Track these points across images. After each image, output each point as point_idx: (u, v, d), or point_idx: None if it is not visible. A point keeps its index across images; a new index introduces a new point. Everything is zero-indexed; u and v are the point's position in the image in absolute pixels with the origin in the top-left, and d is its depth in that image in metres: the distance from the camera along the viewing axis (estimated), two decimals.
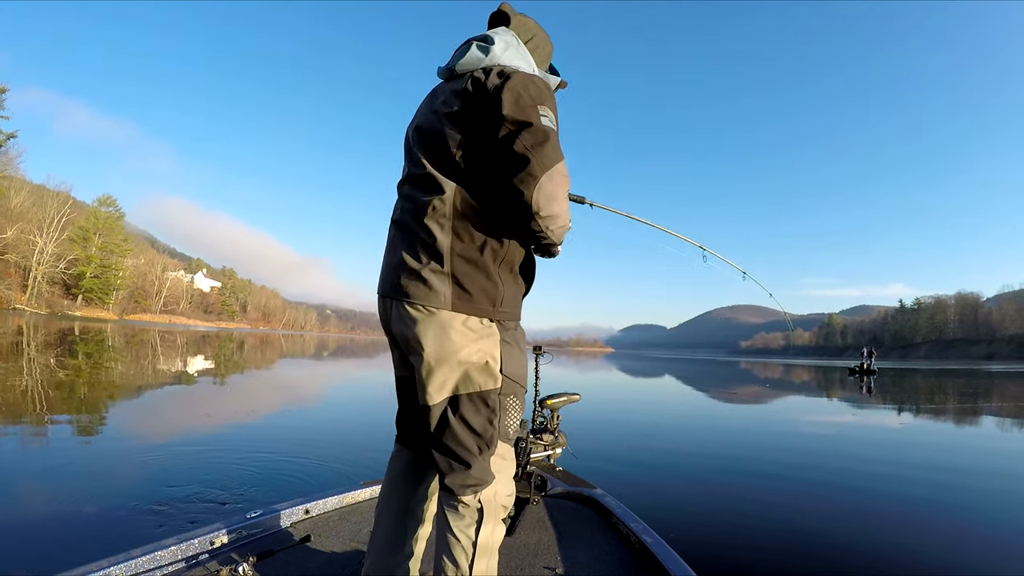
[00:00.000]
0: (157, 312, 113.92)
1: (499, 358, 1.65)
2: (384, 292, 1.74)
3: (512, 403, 1.70)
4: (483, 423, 1.62)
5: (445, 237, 1.60)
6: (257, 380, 14.64)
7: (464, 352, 1.59)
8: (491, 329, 1.65)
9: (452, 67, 1.74)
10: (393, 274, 1.69)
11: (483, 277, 1.62)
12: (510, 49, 1.71)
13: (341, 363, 25.54)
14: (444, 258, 1.59)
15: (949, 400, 17.77)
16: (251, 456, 5.62)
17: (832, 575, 3.33)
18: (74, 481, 4.48)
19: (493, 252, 1.63)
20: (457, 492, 1.61)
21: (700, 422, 10.68)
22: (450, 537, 1.62)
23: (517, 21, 1.85)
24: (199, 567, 2.24)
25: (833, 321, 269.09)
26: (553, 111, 1.62)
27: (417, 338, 1.61)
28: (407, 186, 1.76)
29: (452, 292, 1.59)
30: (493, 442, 1.64)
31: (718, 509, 4.57)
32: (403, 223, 1.72)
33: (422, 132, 1.74)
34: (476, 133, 1.60)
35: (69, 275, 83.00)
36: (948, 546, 3.95)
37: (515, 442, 1.79)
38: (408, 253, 1.65)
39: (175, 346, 27.25)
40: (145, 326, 66.80)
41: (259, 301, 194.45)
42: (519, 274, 1.74)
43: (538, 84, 1.62)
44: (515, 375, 1.70)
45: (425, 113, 1.77)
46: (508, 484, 1.72)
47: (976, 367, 68.84)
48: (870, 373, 36.64)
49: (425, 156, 1.70)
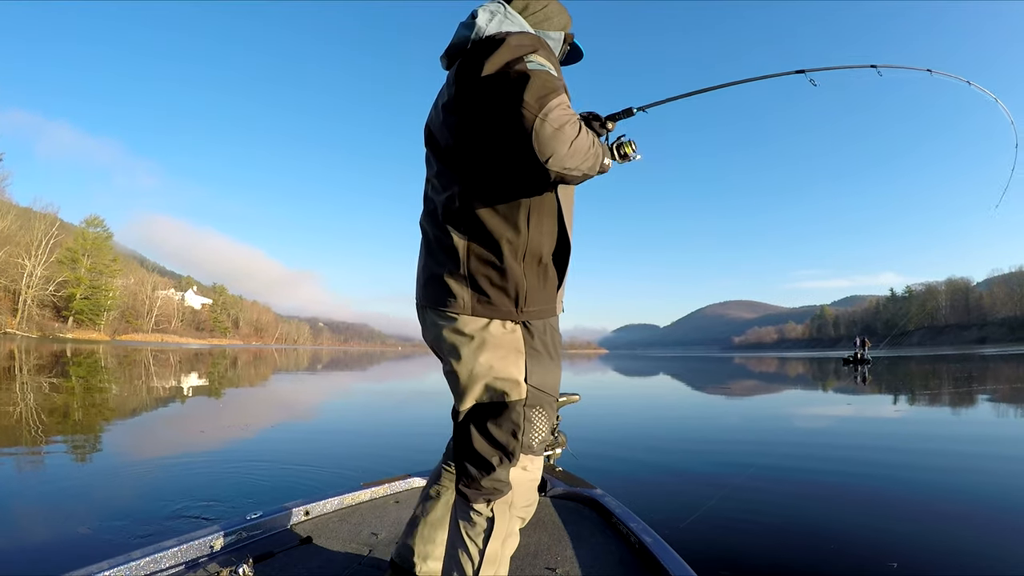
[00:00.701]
0: (149, 331, 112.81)
1: (524, 367, 1.56)
2: (416, 299, 1.72)
3: (538, 415, 1.60)
4: (505, 436, 1.55)
5: (460, 237, 1.52)
6: (253, 394, 14.57)
7: (484, 360, 1.52)
8: (516, 335, 1.56)
9: (446, 53, 1.67)
10: (420, 281, 1.67)
11: (500, 276, 1.51)
12: (496, 18, 1.57)
13: (335, 375, 25.41)
14: (460, 259, 1.52)
15: (944, 386, 17.87)
16: (251, 462, 5.66)
17: (834, 568, 3.33)
18: (74, 490, 4.54)
19: (512, 245, 1.51)
20: (470, 499, 1.58)
21: (697, 420, 10.72)
22: (458, 544, 1.59)
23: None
24: (199, 569, 2.26)
25: (825, 313, 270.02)
26: (546, 59, 1.46)
27: (441, 346, 1.60)
28: (428, 188, 1.72)
29: (471, 296, 1.51)
30: (515, 455, 1.57)
31: (718, 507, 4.57)
32: (425, 227, 1.69)
33: (429, 130, 1.69)
34: (471, 113, 1.50)
35: (59, 297, 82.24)
36: (953, 532, 3.96)
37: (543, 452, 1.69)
38: (430, 258, 1.62)
39: (168, 364, 27.03)
40: (137, 346, 66.18)
41: (251, 317, 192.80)
42: (550, 264, 1.62)
43: (522, 37, 1.48)
44: (542, 385, 1.60)
45: (432, 110, 1.71)
46: (526, 495, 1.67)
47: (969, 351, 69.34)
48: (864, 363, 36.78)
49: (434, 154, 1.65)
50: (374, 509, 3.12)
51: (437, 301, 1.55)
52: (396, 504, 3.22)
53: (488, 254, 1.51)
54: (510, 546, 1.63)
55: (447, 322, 1.55)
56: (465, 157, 1.54)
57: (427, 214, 1.69)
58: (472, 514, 1.57)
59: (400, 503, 3.25)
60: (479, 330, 1.52)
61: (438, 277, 1.56)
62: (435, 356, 1.74)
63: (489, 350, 1.52)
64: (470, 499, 1.57)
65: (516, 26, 1.59)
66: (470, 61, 1.49)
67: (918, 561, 3.35)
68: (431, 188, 1.68)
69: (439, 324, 1.58)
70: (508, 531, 1.60)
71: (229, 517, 2.76)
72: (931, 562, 3.37)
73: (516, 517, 1.63)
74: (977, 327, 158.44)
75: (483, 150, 1.50)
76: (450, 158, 1.57)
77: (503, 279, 1.51)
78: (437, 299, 1.56)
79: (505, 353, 1.54)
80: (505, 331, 1.54)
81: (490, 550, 1.55)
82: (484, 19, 1.55)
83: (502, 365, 1.53)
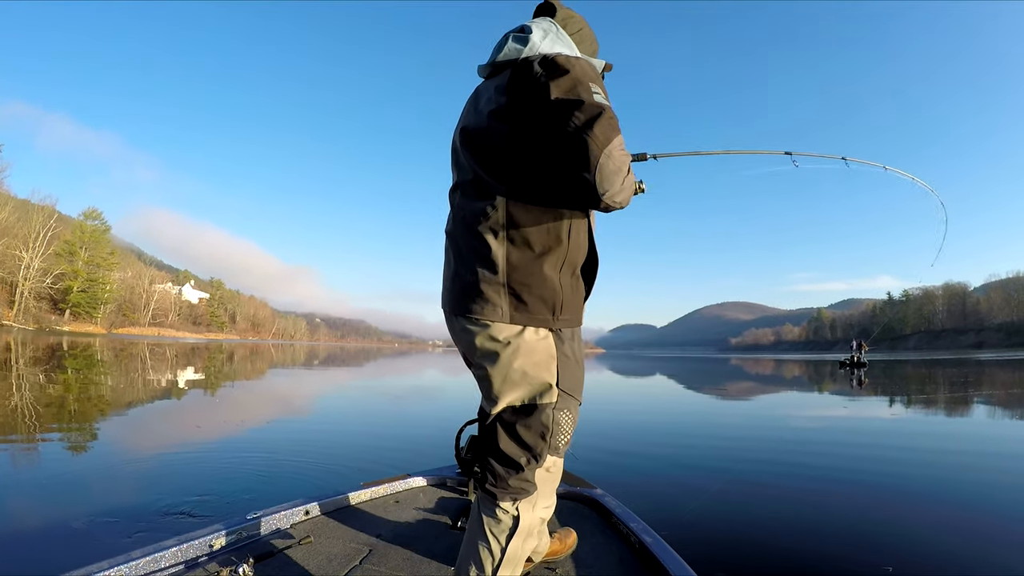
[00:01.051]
0: (146, 325, 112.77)
1: (556, 371, 1.61)
2: (445, 307, 1.73)
3: (566, 417, 1.64)
4: (534, 437, 1.59)
5: (499, 245, 1.54)
6: (251, 389, 14.53)
7: (519, 366, 1.56)
8: (548, 341, 1.61)
9: (492, 62, 1.70)
10: (450, 288, 1.68)
11: (541, 285, 1.55)
12: (549, 36, 1.64)
13: (333, 371, 25.40)
14: (499, 268, 1.54)
15: (941, 390, 17.88)
16: (250, 459, 5.63)
17: (831, 570, 3.33)
18: (72, 488, 4.49)
19: (552, 256, 1.56)
20: (497, 497, 1.61)
21: (694, 420, 10.72)
22: (480, 540, 1.62)
23: (563, 13, 1.79)
24: (198, 568, 2.25)
25: (822, 315, 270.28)
26: (603, 89, 1.53)
27: (475, 352, 1.62)
28: (457, 195, 1.72)
29: (509, 304, 1.54)
30: (542, 456, 1.62)
31: (716, 507, 4.59)
32: (456, 234, 1.68)
33: (468, 134, 1.67)
34: (525, 125, 1.51)
35: (56, 290, 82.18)
36: (949, 538, 3.95)
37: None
38: (463, 266, 1.62)
39: (165, 358, 27.00)
40: (134, 339, 66.12)
41: (248, 311, 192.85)
42: (580, 276, 1.68)
43: (583, 64, 1.53)
44: (571, 389, 1.66)
45: (470, 114, 1.70)
46: (548, 497, 1.74)
47: (966, 356, 69.41)
48: (860, 366, 36.81)
49: (474, 159, 1.64)
50: (374, 509, 3.11)
51: (471, 309, 1.57)
52: (396, 504, 3.21)
53: (530, 263, 1.54)
54: (529, 545, 1.68)
55: (481, 328, 1.57)
56: (513, 166, 1.55)
57: (458, 221, 1.68)
58: (498, 512, 1.61)
59: (400, 503, 3.24)
60: (514, 336, 1.55)
61: (473, 285, 1.57)
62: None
63: (524, 355, 1.56)
64: (497, 498, 1.61)
65: (566, 47, 1.65)
66: (529, 77, 1.51)
67: (914, 566, 3.35)
68: (462, 195, 1.68)
69: (471, 331, 1.60)
70: (530, 530, 1.65)
71: (227, 515, 2.75)
72: (927, 567, 3.37)
73: (538, 518, 1.68)
74: (974, 332, 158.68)
75: (534, 163, 1.53)
76: (496, 166, 1.57)
77: (543, 288, 1.55)
78: (471, 307, 1.57)
79: (540, 358, 1.58)
80: (538, 337, 1.58)
81: (512, 548, 1.60)
82: (538, 36, 1.62)
83: (536, 370, 1.57)
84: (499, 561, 1.59)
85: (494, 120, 1.57)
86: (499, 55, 1.67)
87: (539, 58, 1.54)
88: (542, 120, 1.47)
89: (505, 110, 1.54)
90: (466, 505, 3.15)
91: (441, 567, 2.38)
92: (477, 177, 1.62)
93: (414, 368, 32.06)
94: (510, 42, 1.65)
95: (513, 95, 1.53)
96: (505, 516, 1.61)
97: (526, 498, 1.63)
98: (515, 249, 1.54)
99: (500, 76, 1.63)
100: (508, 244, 1.54)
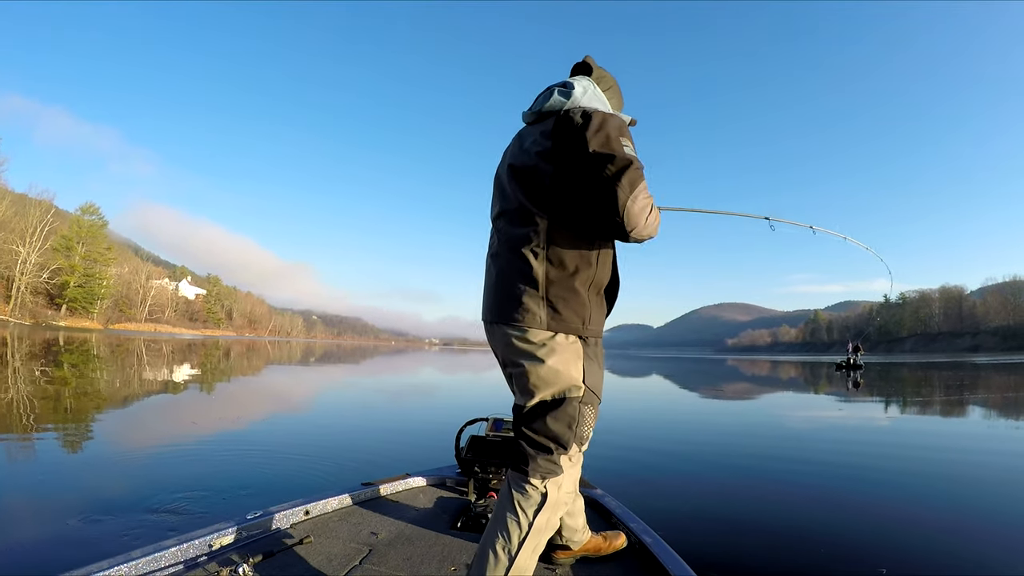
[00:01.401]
0: (142, 321, 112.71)
1: (583, 371, 1.85)
2: (486, 317, 1.99)
3: (589, 411, 1.87)
4: (562, 427, 1.83)
5: (540, 265, 1.81)
6: (248, 386, 14.52)
7: (552, 364, 1.80)
8: (577, 346, 1.85)
9: (538, 110, 1.98)
10: (493, 300, 1.94)
11: (574, 299, 1.82)
12: (588, 93, 1.94)
13: (331, 368, 25.43)
14: (539, 284, 1.81)
15: (936, 393, 17.91)
16: (249, 458, 5.62)
17: (827, 571, 3.33)
18: (71, 487, 4.47)
19: (583, 277, 1.83)
20: (529, 475, 1.83)
21: (692, 421, 10.75)
22: (509, 514, 1.82)
23: (598, 73, 2.09)
24: (198, 568, 2.26)
25: (819, 317, 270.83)
26: (631, 142, 1.81)
27: (515, 353, 1.86)
28: (501, 221, 1.99)
29: (547, 313, 1.80)
30: (569, 444, 1.84)
31: (714, 506, 4.60)
32: (500, 254, 1.95)
33: (516, 170, 1.94)
34: (566, 166, 1.78)
35: (53, 285, 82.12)
36: (944, 538, 3.97)
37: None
38: (506, 282, 1.88)
39: (161, 354, 26.95)
40: (130, 335, 66.05)
41: (245, 308, 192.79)
42: (604, 295, 1.96)
43: (616, 121, 1.80)
44: (594, 387, 1.89)
45: (516, 153, 1.99)
46: (571, 483, 1.93)
47: (962, 359, 69.50)
48: (856, 368, 36.86)
49: (520, 191, 1.91)
50: (374, 509, 3.12)
51: (514, 317, 1.83)
52: (396, 504, 3.22)
53: (564, 280, 1.82)
54: (553, 525, 1.88)
55: (520, 333, 1.82)
56: (556, 200, 1.82)
57: (503, 243, 1.95)
58: (528, 487, 1.82)
59: (400, 503, 3.25)
60: (548, 339, 1.81)
61: (515, 298, 1.83)
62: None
63: (557, 355, 1.81)
64: (529, 476, 1.83)
65: (601, 104, 1.97)
66: (571, 127, 1.79)
67: (908, 568, 3.35)
68: (507, 221, 1.96)
69: (510, 335, 1.85)
70: (555, 509, 1.86)
71: (227, 515, 2.74)
72: (921, 569, 3.37)
73: (562, 501, 1.88)
74: (970, 335, 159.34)
75: (574, 199, 1.80)
76: (540, 198, 1.85)
77: (575, 302, 1.82)
78: (514, 315, 1.83)
79: (569, 358, 1.83)
80: (568, 342, 1.83)
81: (539, 521, 1.81)
82: (579, 91, 1.93)
83: (567, 368, 1.82)
84: (527, 532, 1.79)
85: (541, 160, 1.85)
86: (545, 104, 1.96)
87: (580, 111, 1.82)
88: (581, 165, 1.75)
89: (551, 152, 1.82)
90: (466, 505, 3.16)
91: (441, 567, 2.38)
92: (522, 207, 1.89)
93: (412, 366, 32.08)
94: (555, 95, 1.94)
95: (557, 140, 1.81)
96: (535, 492, 1.82)
97: (554, 478, 1.84)
98: (553, 268, 1.81)
99: (544, 123, 1.92)
100: (547, 264, 1.81)
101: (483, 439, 3.60)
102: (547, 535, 1.87)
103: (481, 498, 3.20)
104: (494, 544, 1.80)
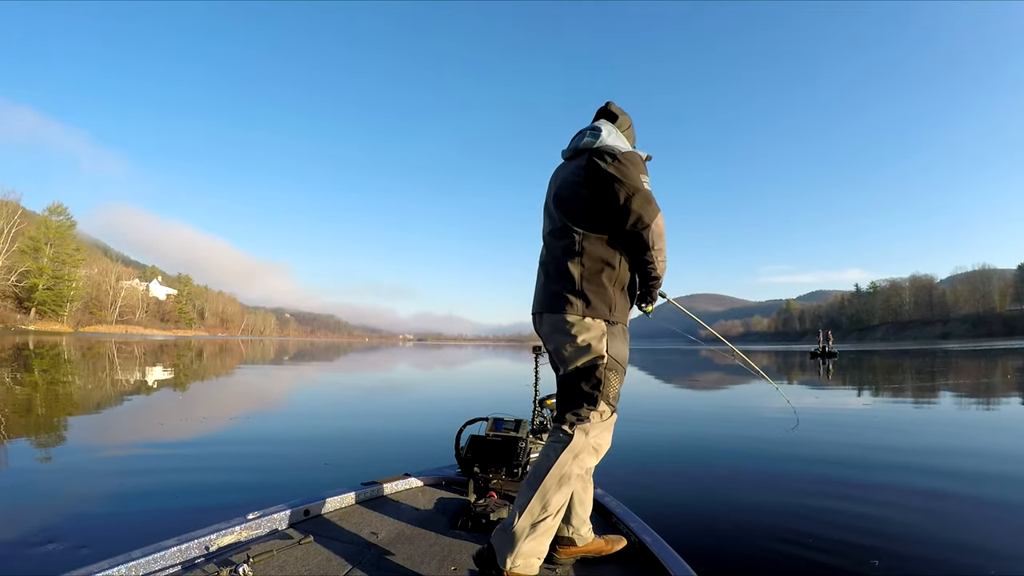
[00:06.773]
0: (113, 323, 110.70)
1: (606, 343, 2.28)
2: (536, 309, 2.49)
3: (613, 376, 2.30)
4: (591, 388, 2.27)
5: (576, 267, 2.30)
6: (219, 386, 14.28)
7: (584, 339, 2.26)
8: (603, 326, 2.29)
9: (574, 148, 2.49)
10: (543, 296, 2.42)
11: (603, 293, 2.29)
12: (612, 134, 2.41)
13: (303, 367, 25.05)
14: (576, 281, 2.29)
15: (908, 379, 18.29)
16: (249, 458, 5.62)
17: (823, 568, 3.31)
18: (67, 488, 4.46)
19: (609, 275, 2.31)
20: (564, 422, 2.28)
21: (681, 415, 10.82)
22: (547, 449, 2.26)
23: (621, 117, 2.67)
24: (198, 568, 2.26)
25: (791, 307, 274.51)
26: (647, 175, 2.28)
27: (559, 334, 2.33)
28: (549, 237, 2.49)
29: (582, 304, 2.27)
30: (598, 402, 2.28)
31: (711, 504, 4.59)
32: (548, 261, 2.45)
33: (560, 198, 2.45)
34: (597, 194, 2.28)
35: (21, 288, 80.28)
36: (935, 531, 3.93)
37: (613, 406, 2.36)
38: (552, 282, 2.38)
39: (134, 356, 26.51)
40: (102, 337, 64.88)
41: (216, 307, 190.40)
42: (626, 291, 2.39)
43: (637, 157, 2.30)
44: (617, 356, 2.31)
45: (561, 184, 2.48)
46: (602, 436, 2.31)
47: (932, 347, 71.01)
48: (831, 356, 37.50)
49: (563, 214, 2.41)
50: (373, 509, 3.13)
51: (560, 307, 2.30)
52: (395, 504, 3.23)
53: (596, 278, 2.30)
54: (577, 466, 2.23)
55: (563, 317, 2.29)
56: (589, 219, 2.33)
57: (551, 252, 2.45)
58: (560, 433, 2.27)
59: (399, 503, 3.26)
60: (581, 321, 2.27)
61: (559, 293, 2.32)
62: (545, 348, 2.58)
63: (588, 333, 2.26)
64: (564, 423, 2.29)
65: (623, 143, 2.40)
66: (603, 163, 2.27)
67: (901, 563, 3.38)
68: (552, 235, 2.46)
69: (554, 319, 2.34)
70: (584, 451, 2.25)
71: (227, 515, 2.72)
72: (913, 561, 3.40)
73: (590, 446, 2.26)
74: (940, 323, 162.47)
75: (602, 217, 2.30)
76: (577, 218, 2.35)
77: (603, 295, 2.29)
78: (558, 306, 2.31)
79: (596, 334, 2.27)
80: (597, 324, 2.28)
81: (562, 457, 2.20)
82: (606, 133, 2.40)
83: (595, 342, 2.27)
84: (552, 464, 2.19)
85: (578, 188, 2.36)
86: (579, 143, 2.44)
87: (608, 149, 2.30)
88: (611, 195, 2.24)
89: (585, 183, 2.33)
90: (466, 505, 3.16)
91: (441, 567, 2.39)
92: (564, 225, 2.39)
93: (386, 362, 32.03)
94: (587, 136, 2.43)
95: (589, 173, 2.32)
96: (564, 435, 2.25)
97: (582, 425, 2.25)
98: (586, 270, 2.30)
99: (580, 158, 2.42)
100: (582, 267, 2.30)
101: (483, 439, 3.59)
102: (571, 479, 2.21)
103: (481, 498, 3.18)
104: (533, 474, 2.22)
